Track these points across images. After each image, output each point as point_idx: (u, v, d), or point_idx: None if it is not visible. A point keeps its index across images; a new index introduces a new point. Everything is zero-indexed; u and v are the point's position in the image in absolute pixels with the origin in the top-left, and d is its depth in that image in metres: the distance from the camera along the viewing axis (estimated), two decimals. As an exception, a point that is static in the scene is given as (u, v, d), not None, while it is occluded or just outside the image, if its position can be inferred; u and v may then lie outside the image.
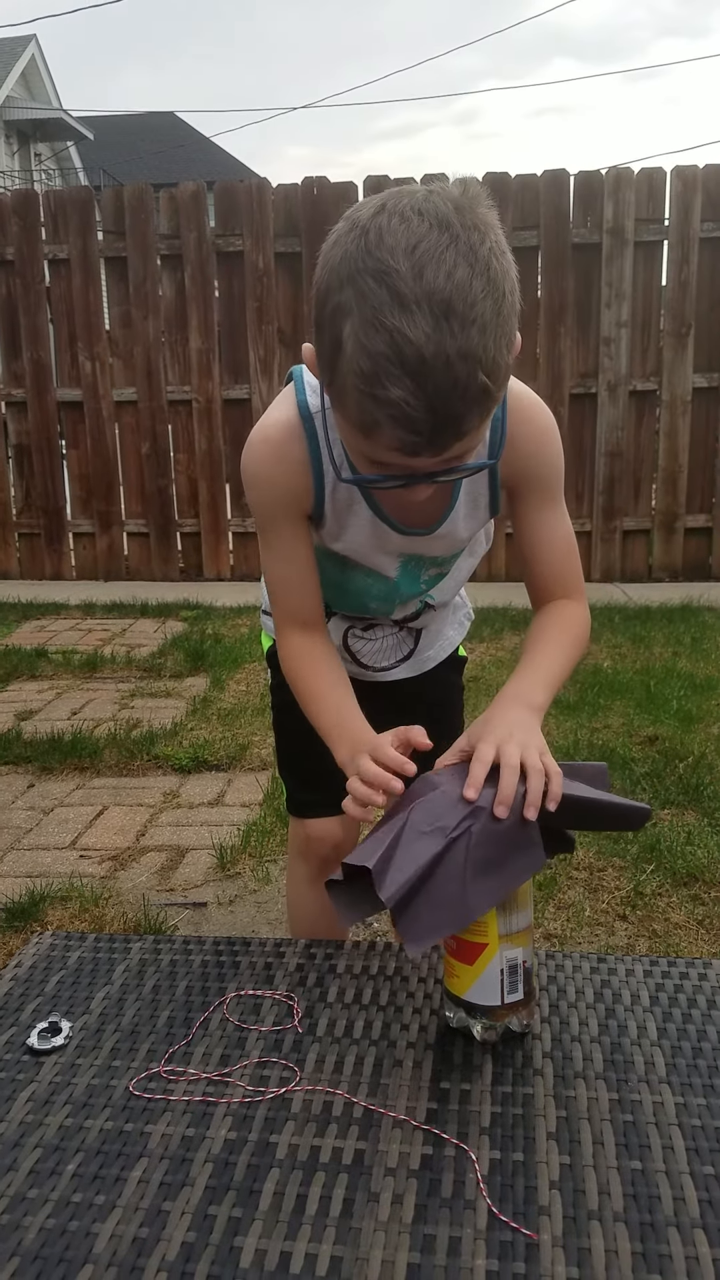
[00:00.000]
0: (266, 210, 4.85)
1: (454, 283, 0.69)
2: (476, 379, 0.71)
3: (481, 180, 3.32)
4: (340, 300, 0.72)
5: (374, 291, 0.70)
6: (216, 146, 23.86)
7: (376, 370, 0.70)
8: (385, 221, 0.70)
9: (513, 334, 0.75)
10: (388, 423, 0.73)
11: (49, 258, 5.04)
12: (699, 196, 4.66)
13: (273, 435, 0.97)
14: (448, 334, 0.69)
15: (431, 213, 0.70)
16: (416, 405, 0.71)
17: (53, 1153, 0.74)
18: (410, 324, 0.68)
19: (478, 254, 0.70)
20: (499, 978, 0.83)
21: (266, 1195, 0.69)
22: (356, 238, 0.72)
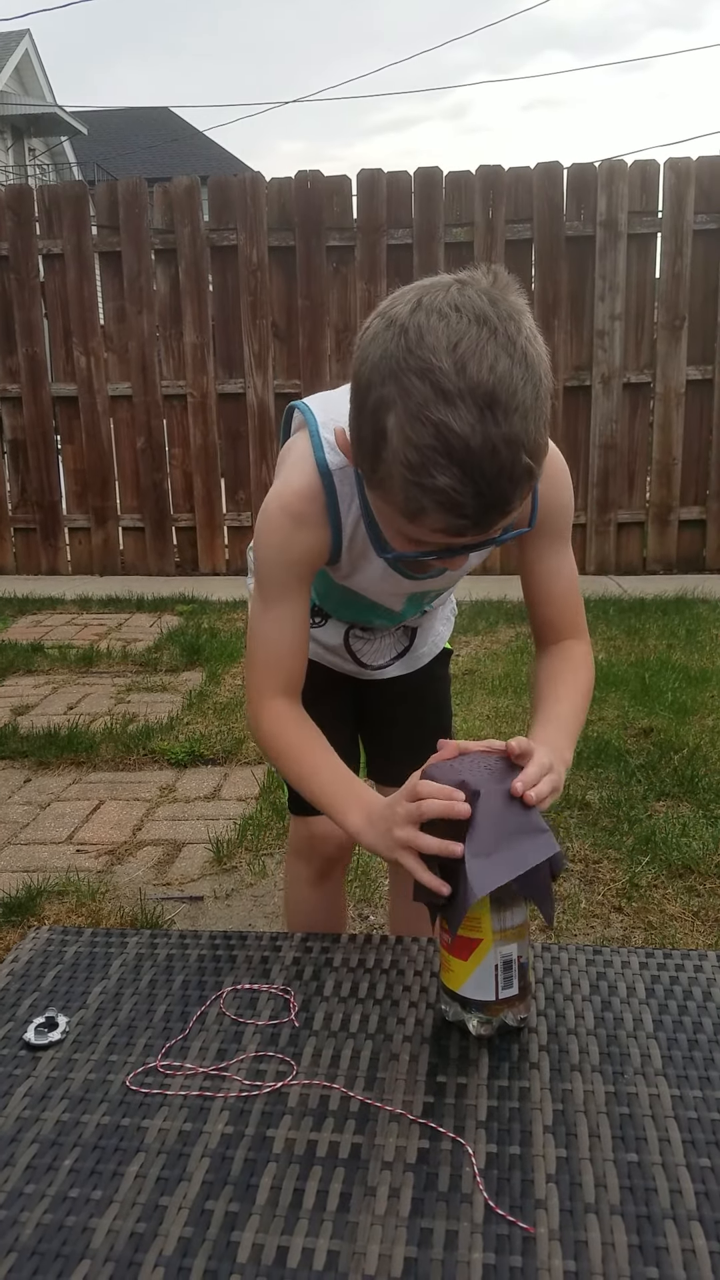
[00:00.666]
0: (260, 204, 4.83)
1: (496, 375, 0.71)
2: (521, 462, 0.73)
3: (475, 173, 3.34)
4: (383, 395, 0.74)
5: (418, 388, 0.72)
6: (211, 141, 23.74)
7: (424, 461, 0.73)
8: (424, 319, 0.73)
9: (548, 413, 0.77)
10: (435, 509, 0.75)
11: (43, 253, 5.02)
12: (692, 189, 4.65)
13: (293, 505, 0.96)
14: (492, 423, 0.71)
15: (469, 308, 0.73)
16: (464, 491, 0.73)
17: (49, 1148, 0.74)
18: (456, 417, 0.71)
19: (515, 344, 0.73)
20: (493, 973, 0.83)
21: (263, 1190, 0.69)
22: (396, 336, 0.74)
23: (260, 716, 1.02)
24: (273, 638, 1.01)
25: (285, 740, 1.00)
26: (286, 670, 1.02)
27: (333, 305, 4.92)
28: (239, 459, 5.10)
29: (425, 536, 0.80)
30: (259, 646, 1.02)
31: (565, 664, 1.05)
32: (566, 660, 1.06)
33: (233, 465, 5.12)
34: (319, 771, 0.98)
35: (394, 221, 4.79)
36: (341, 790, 0.96)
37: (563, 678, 1.04)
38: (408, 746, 0.95)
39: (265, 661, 1.02)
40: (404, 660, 1.27)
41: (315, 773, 0.98)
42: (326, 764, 0.99)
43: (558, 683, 1.03)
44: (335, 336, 4.94)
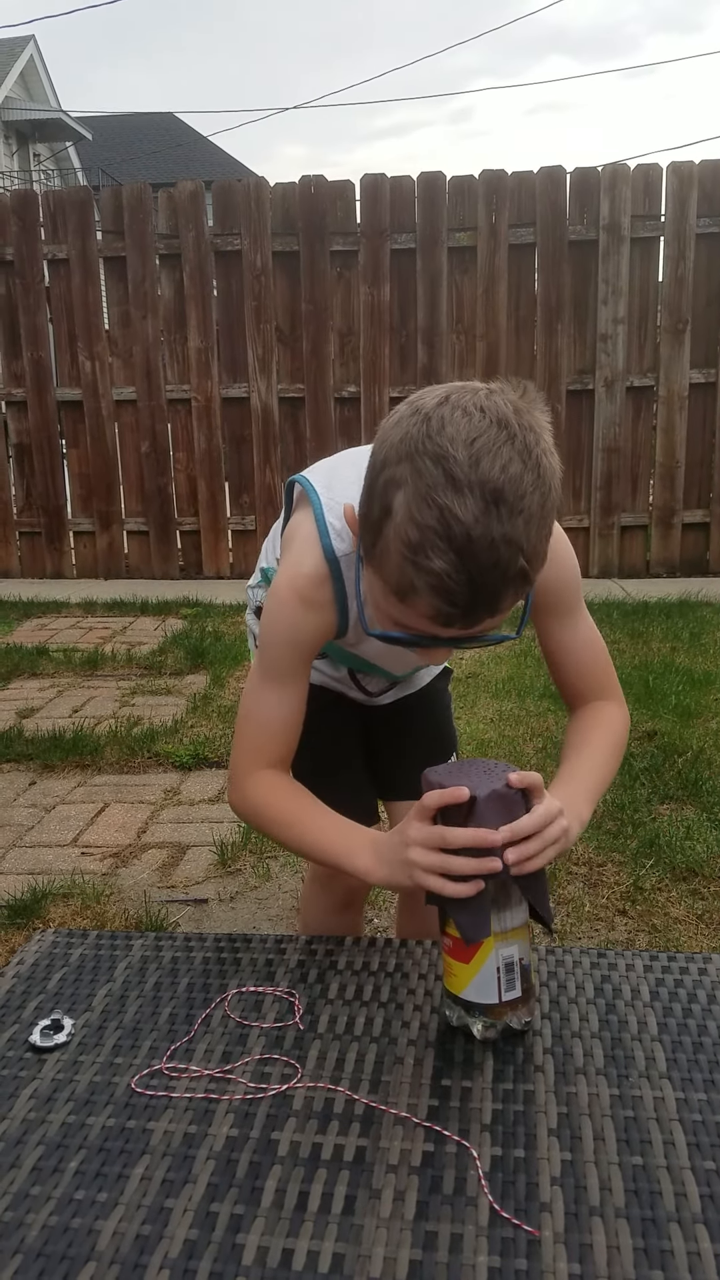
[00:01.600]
0: (264, 209, 4.85)
1: (507, 475, 0.73)
2: (517, 563, 0.75)
3: (478, 177, 3.34)
4: (396, 473, 0.76)
5: (430, 471, 0.74)
6: (214, 146, 23.83)
7: (423, 541, 0.74)
8: (448, 413, 0.75)
9: (552, 527, 0.79)
10: (426, 591, 0.76)
11: (48, 258, 5.04)
12: (695, 192, 4.66)
13: (304, 589, 0.97)
14: (495, 519, 0.73)
15: (493, 411, 0.75)
16: (457, 579, 0.74)
17: (55, 1150, 0.74)
18: (461, 505, 0.72)
19: (531, 453, 0.75)
20: (495, 976, 0.83)
21: (268, 1192, 0.69)
22: (419, 422, 0.76)
23: (246, 788, 1.01)
24: (269, 716, 1.01)
25: (277, 807, 1.00)
26: (278, 748, 1.02)
27: (336, 309, 4.93)
28: (243, 463, 5.11)
29: (411, 621, 0.80)
30: (254, 723, 1.02)
31: (593, 722, 1.05)
32: (595, 718, 1.06)
33: (237, 469, 5.13)
34: (315, 827, 0.97)
35: (397, 226, 4.80)
36: (342, 838, 0.95)
37: (589, 736, 1.04)
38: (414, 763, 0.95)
39: (257, 738, 1.02)
40: (403, 684, 1.29)
41: (312, 829, 0.97)
42: (322, 817, 0.98)
43: (583, 741, 1.03)
44: (339, 340, 4.95)
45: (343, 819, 0.98)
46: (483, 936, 0.81)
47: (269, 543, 1.27)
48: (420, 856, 0.83)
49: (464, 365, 4.90)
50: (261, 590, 1.25)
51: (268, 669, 1.01)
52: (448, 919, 0.84)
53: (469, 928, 0.81)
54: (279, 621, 0.99)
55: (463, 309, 4.87)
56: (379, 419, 4.95)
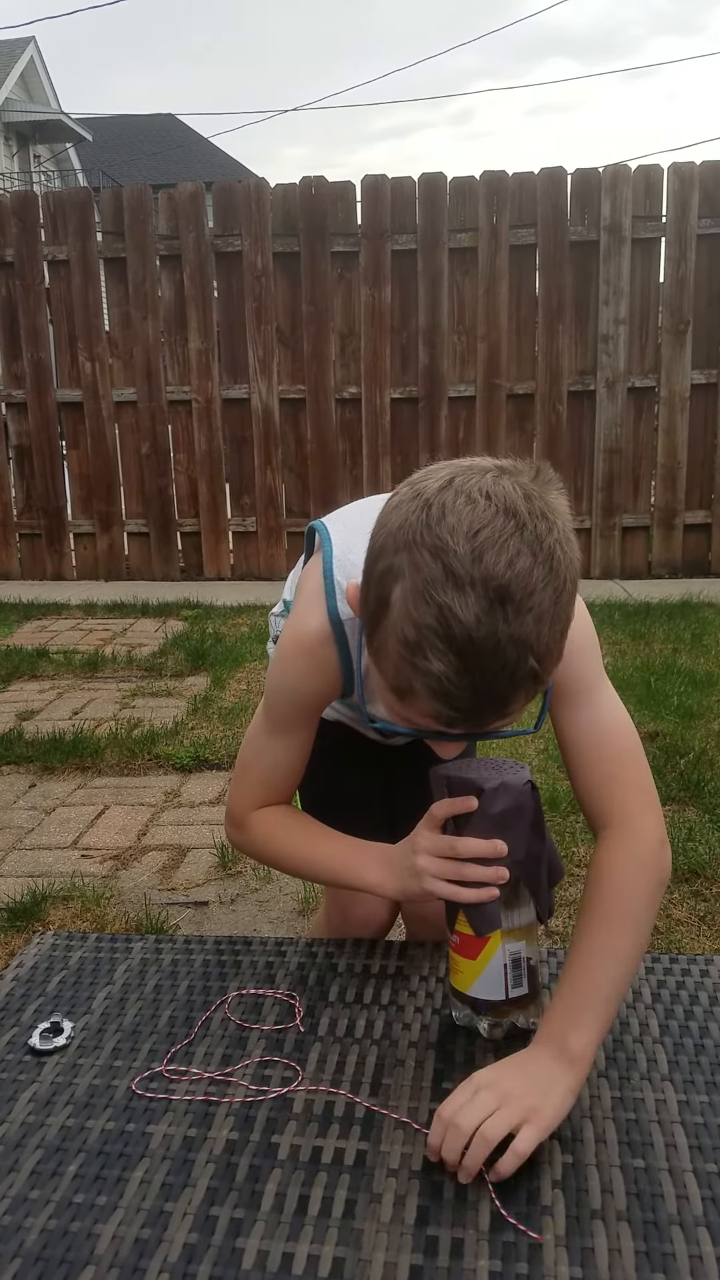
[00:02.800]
0: (265, 210, 4.84)
1: (514, 571, 0.67)
2: (526, 664, 0.68)
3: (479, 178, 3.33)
4: (394, 564, 0.70)
5: (428, 565, 0.68)
6: (215, 147, 23.84)
7: (420, 640, 0.68)
8: (450, 499, 0.69)
9: (569, 620, 0.72)
10: (425, 693, 0.70)
11: (48, 259, 5.04)
12: (696, 193, 4.65)
13: (311, 646, 0.93)
14: (500, 619, 0.67)
15: (500, 497, 0.69)
16: (459, 682, 0.68)
17: (54, 1154, 0.74)
18: (461, 603, 0.66)
19: (543, 543, 0.68)
20: (502, 972, 0.83)
21: (268, 1196, 0.69)
22: (419, 509, 0.70)
23: (248, 825, 1.00)
24: (272, 763, 1.00)
25: (281, 838, 0.98)
26: (279, 790, 1.01)
27: (337, 311, 4.92)
28: (244, 464, 5.11)
29: (414, 718, 0.75)
30: (256, 767, 1.00)
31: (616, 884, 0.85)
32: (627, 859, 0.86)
33: (237, 470, 5.13)
34: (322, 851, 0.95)
35: (398, 227, 4.80)
36: (351, 856, 0.93)
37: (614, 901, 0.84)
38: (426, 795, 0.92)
39: (260, 782, 1.00)
40: None
41: (319, 853, 0.96)
42: (327, 839, 0.96)
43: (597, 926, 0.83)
44: (340, 342, 4.95)
45: (348, 838, 0.96)
46: (493, 929, 0.81)
47: (293, 574, 1.23)
48: (431, 864, 0.82)
49: (465, 366, 4.90)
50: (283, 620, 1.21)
51: (272, 720, 0.98)
52: (457, 915, 0.84)
53: (479, 920, 0.81)
54: (284, 675, 0.96)
55: (464, 310, 4.87)
56: (380, 420, 4.95)
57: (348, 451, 5.03)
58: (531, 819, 0.82)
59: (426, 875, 0.82)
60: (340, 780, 1.17)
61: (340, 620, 0.92)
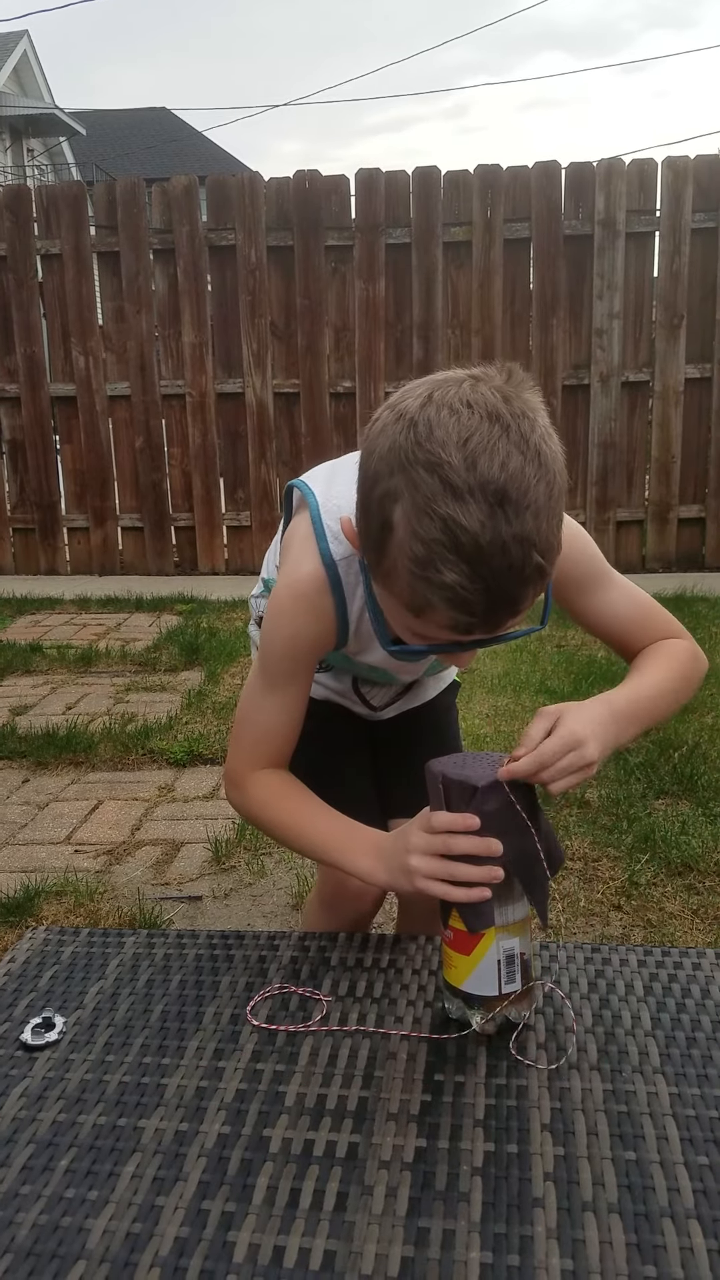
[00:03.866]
0: (259, 204, 4.83)
1: (508, 472, 0.69)
2: (532, 560, 0.71)
3: (473, 172, 3.33)
4: (390, 486, 0.72)
5: (426, 481, 0.70)
6: (209, 141, 23.74)
7: (431, 556, 0.70)
8: (434, 414, 0.71)
9: (563, 512, 0.76)
10: (442, 604, 0.73)
11: (41, 253, 5.02)
12: (690, 187, 4.65)
13: (307, 592, 0.95)
14: (503, 520, 0.69)
15: (481, 404, 0.71)
16: (472, 589, 0.71)
17: (45, 1148, 0.74)
18: (464, 512, 0.69)
19: (529, 441, 0.71)
20: (496, 968, 0.83)
21: (260, 1189, 0.69)
22: (405, 428, 0.72)
23: (246, 787, 1.01)
24: (268, 721, 1.00)
25: (277, 806, 0.99)
26: (277, 749, 1.01)
27: (331, 304, 4.91)
28: (238, 458, 5.10)
29: (431, 633, 0.78)
30: (253, 726, 1.01)
31: (657, 649, 1.02)
32: (659, 646, 1.02)
33: (232, 464, 5.12)
34: (318, 827, 0.96)
35: (392, 221, 4.79)
36: (345, 838, 0.94)
37: (652, 659, 1.00)
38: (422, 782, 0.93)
39: (257, 740, 1.00)
40: (408, 696, 1.26)
41: (314, 828, 0.96)
42: (325, 817, 0.97)
43: (647, 662, 1.00)
44: (334, 335, 4.94)
45: (346, 819, 0.97)
46: (486, 927, 0.81)
47: (270, 553, 1.24)
48: (423, 864, 0.82)
49: (460, 360, 4.88)
50: (264, 600, 1.22)
51: (268, 675, 0.99)
52: (450, 910, 0.84)
53: (472, 918, 0.81)
54: (278, 628, 0.97)
55: (458, 304, 4.86)
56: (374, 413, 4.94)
57: (342, 445, 5.02)
58: (525, 816, 0.82)
59: (418, 875, 0.82)
60: (328, 759, 1.17)
61: (334, 561, 0.94)
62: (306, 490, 0.99)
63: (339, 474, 1.00)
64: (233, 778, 1.02)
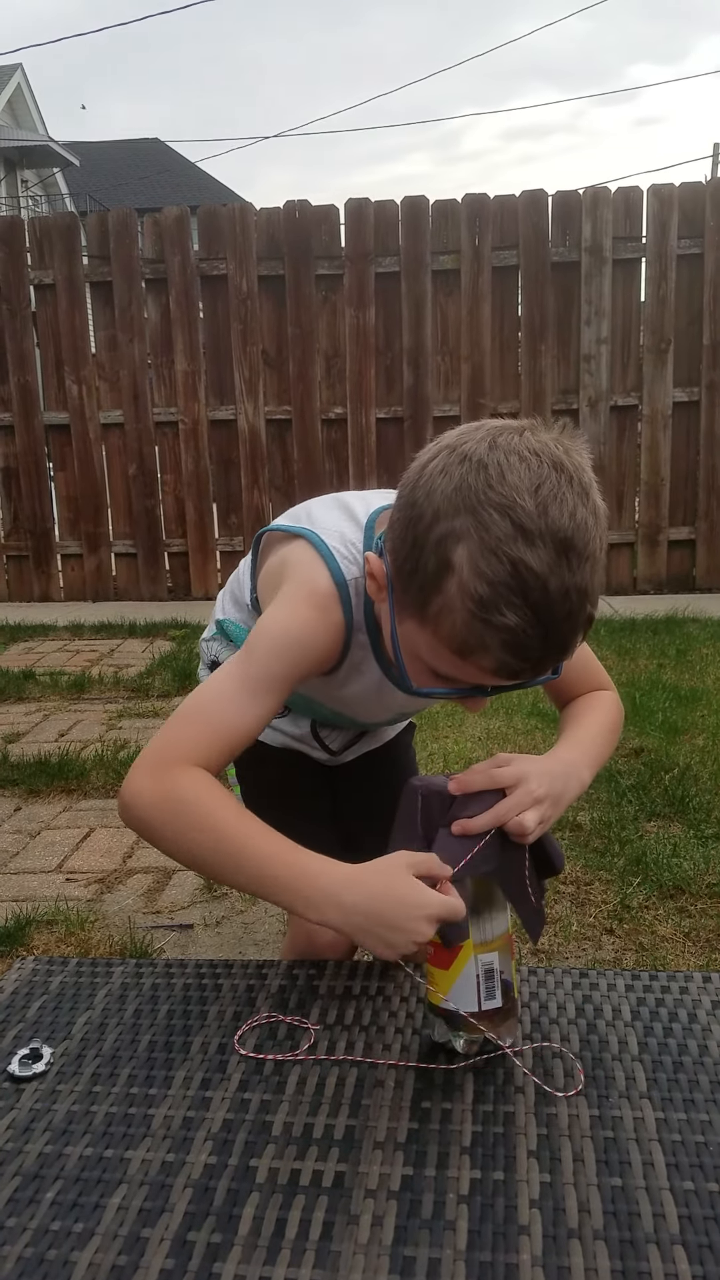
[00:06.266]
0: (249, 233, 4.89)
1: (575, 522, 0.72)
2: (585, 609, 0.74)
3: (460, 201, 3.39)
4: (454, 526, 0.73)
5: (497, 523, 0.71)
6: (202, 172, 24.02)
7: (495, 596, 0.72)
8: (504, 458, 0.73)
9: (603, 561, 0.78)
10: (497, 647, 0.74)
11: (34, 283, 5.07)
12: (675, 214, 4.72)
13: (323, 600, 0.92)
14: (566, 568, 0.71)
15: (548, 454, 0.73)
16: (533, 633, 0.73)
17: (31, 1181, 0.74)
18: (535, 557, 0.71)
19: (589, 494, 0.74)
20: (475, 982, 0.83)
21: (246, 1220, 0.69)
22: (473, 469, 0.73)
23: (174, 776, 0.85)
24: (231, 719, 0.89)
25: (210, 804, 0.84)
26: (223, 753, 0.89)
27: (322, 332, 4.96)
28: (231, 484, 5.12)
29: (466, 676, 0.78)
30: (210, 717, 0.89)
31: (587, 701, 1.06)
32: (589, 699, 1.06)
33: (224, 490, 5.14)
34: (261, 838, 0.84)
35: (381, 250, 4.85)
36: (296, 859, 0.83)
37: (584, 710, 1.04)
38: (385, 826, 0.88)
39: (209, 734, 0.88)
40: (367, 739, 1.26)
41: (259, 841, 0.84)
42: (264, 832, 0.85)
43: (578, 714, 1.04)
44: (325, 363, 4.98)
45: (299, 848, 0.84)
46: (462, 940, 0.82)
47: (224, 595, 1.22)
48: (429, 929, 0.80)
49: (449, 386, 4.94)
50: (218, 643, 1.20)
51: (254, 671, 0.89)
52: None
53: (447, 931, 0.82)
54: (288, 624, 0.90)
55: (447, 331, 4.91)
56: (365, 440, 4.98)
57: (334, 471, 5.06)
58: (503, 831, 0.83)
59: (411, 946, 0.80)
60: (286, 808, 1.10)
61: (345, 581, 0.92)
62: (289, 527, 0.98)
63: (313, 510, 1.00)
64: (156, 763, 0.86)
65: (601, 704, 1.05)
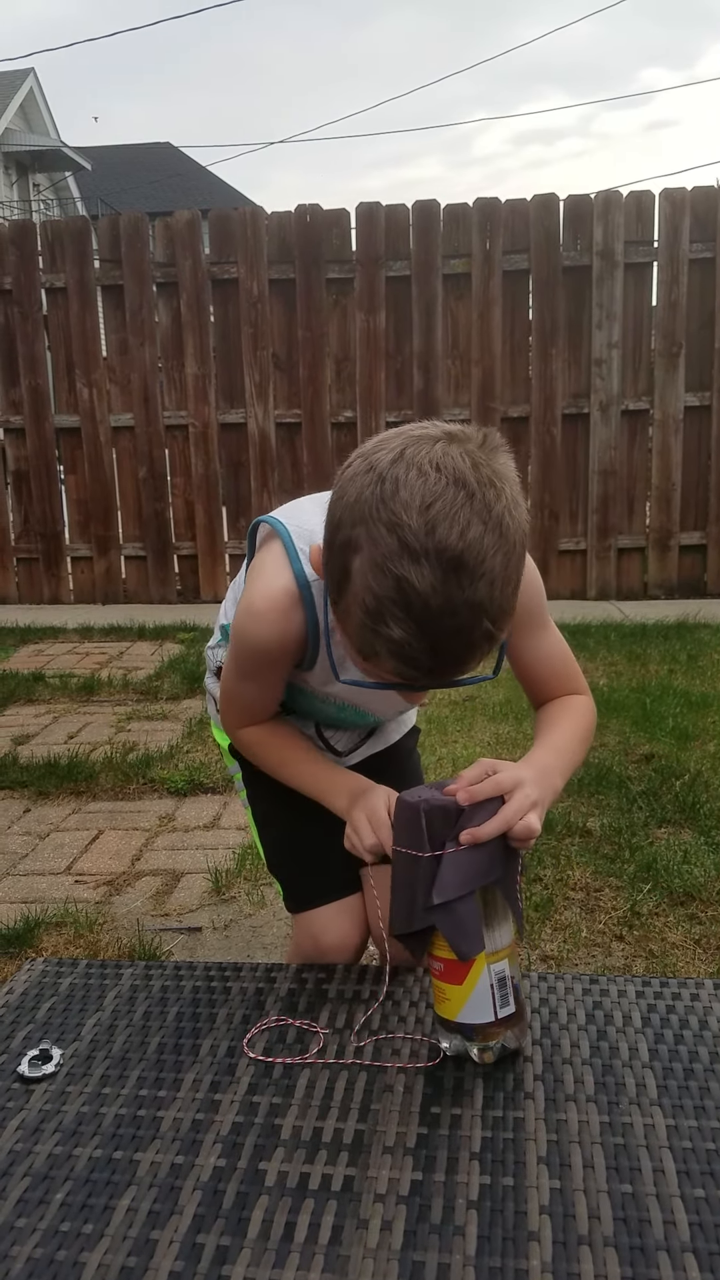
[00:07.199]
0: (260, 237, 4.90)
1: (466, 541, 0.70)
2: (481, 626, 0.73)
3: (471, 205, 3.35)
4: (352, 536, 0.74)
5: (384, 539, 0.71)
6: (213, 175, 24.10)
7: (381, 609, 0.73)
8: (403, 473, 0.72)
9: (520, 580, 0.77)
10: (386, 655, 0.76)
11: (46, 286, 5.09)
12: (688, 218, 4.71)
13: (279, 601, 0.97)
14: (455, 587, 0.71)
15: (450, 468, 0.72)
16: (418, 647, 0.74)
17: (41, 1181, 0.74)
18: (418, 575, 0.70)
19: (492, 511, 0.72)
20: (490, 993, 0.83)
21: (255, 1223, 0.69)
22: (373, 482, 0.73)
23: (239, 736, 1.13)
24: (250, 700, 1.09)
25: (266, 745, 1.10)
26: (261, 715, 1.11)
27: (333, 336, 4.97)
28: (240, 487, 5.13)
29: (370, 673, 0.82)
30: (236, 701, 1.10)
31: (562, 710, 1.06)
32: (563, 706, 1.07)
33: (234, 493, 5.15)
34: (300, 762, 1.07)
35: (392, 254, 4.85)
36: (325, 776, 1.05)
37: (560, 716, 1.05)
38: None
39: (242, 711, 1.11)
40: (372, 740, 1.28)
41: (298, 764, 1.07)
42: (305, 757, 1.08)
43: (554, 720, 1.05)
44: (335, 367, 4.99)
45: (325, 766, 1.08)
46: (478, 951, 0.81)
47: (228, 599, 1.25)
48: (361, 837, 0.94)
49: (459, 390, 4.94)
50: (222, 650, 1.23)
51: (241, 670, 1.05)
52: (434, 940, 0.84)
53: (463, 943, 0.81)
54: (249, 634, 1.00)
55: (458, 334, 4.91)
56: (375, 444, 4.98)
57: (344, 475, 5.05)
58: None
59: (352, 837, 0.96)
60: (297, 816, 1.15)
61: (308, 583, 0.97)
62: (274, 522, 1.02)
63: (302, 506, 1.04)
64: (228, 729, 1.14)
65: (576, 710, 1.06)
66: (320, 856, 1.14)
